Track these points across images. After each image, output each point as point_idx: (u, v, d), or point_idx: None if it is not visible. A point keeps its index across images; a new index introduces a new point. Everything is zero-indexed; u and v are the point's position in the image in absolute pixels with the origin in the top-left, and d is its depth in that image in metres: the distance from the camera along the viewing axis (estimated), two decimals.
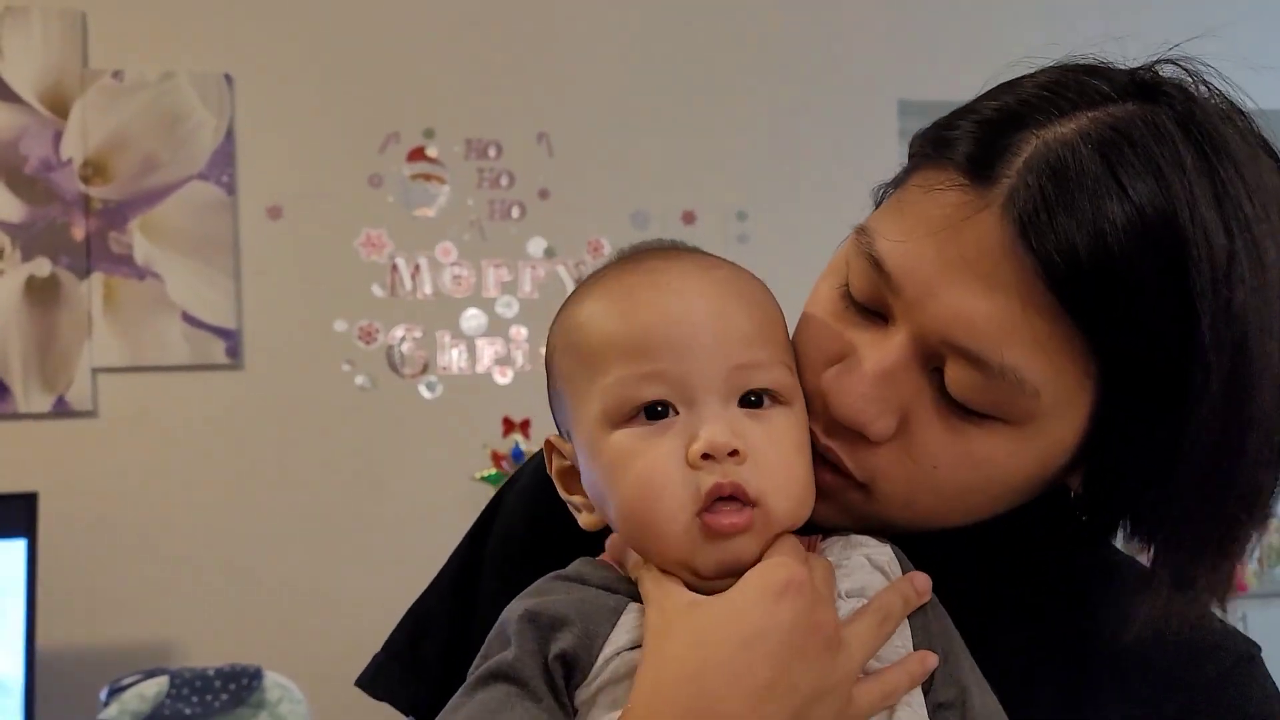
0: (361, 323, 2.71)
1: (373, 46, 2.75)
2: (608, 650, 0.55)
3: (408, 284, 2.74)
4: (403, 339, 2.72)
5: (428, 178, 2.78)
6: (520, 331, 2.76)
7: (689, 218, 2.87)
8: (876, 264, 0.56)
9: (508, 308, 2.77)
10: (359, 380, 2.68)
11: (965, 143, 0.55)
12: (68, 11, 2.59)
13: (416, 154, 2.78)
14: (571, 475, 0.62)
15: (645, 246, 0.62)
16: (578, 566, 0.61)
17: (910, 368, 0.56)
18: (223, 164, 2.65)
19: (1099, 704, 0.60)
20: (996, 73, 0.62)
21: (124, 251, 2.59)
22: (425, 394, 2.71)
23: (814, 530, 0.62)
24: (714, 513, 0.54)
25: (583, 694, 0.55)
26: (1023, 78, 0.57)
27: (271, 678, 1.88)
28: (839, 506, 0.60)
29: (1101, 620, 0.61)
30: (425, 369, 2.72)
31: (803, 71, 2.90)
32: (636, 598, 0.57)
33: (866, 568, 0.58)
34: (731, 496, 0.54)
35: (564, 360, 0.61)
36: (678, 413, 0.56)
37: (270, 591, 2.55)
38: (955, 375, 0.54)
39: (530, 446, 2.64)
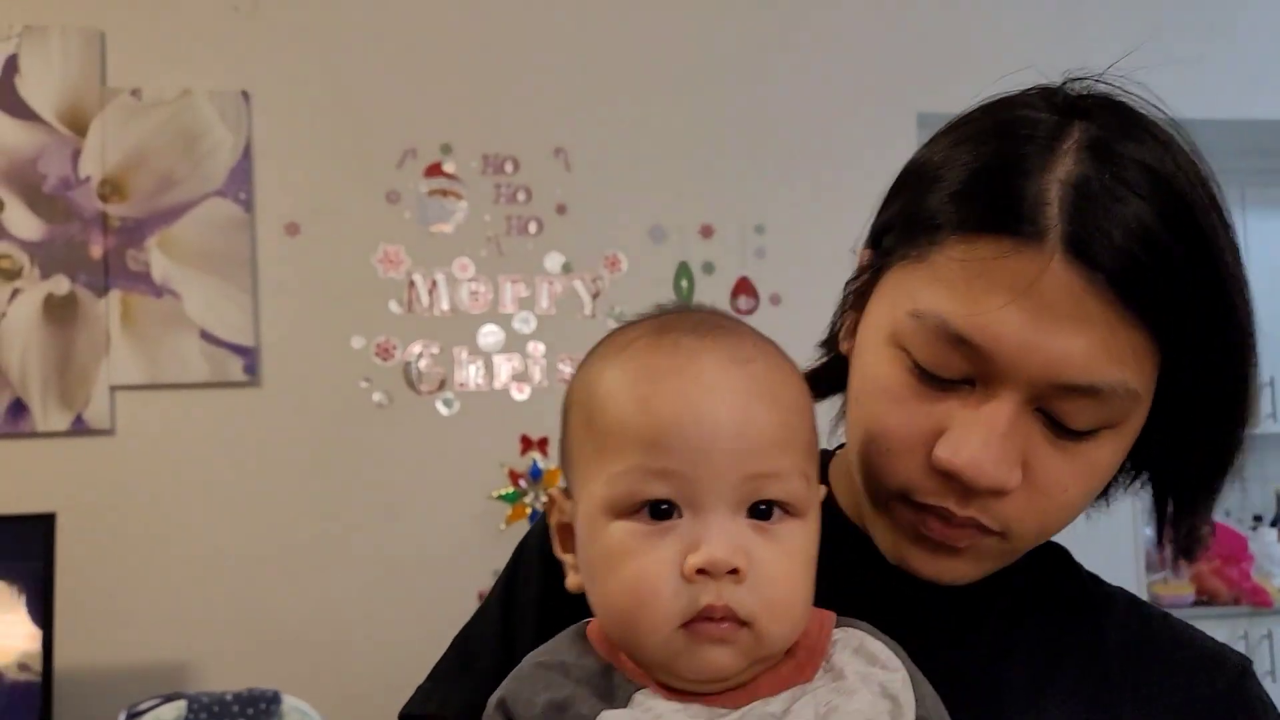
0: (379, 339, 2.70)
1: (389, 63, 2.74)
2: None
3: (425, 300, 2.73)
4: (420, 355, 2.71)
5: (445, 193, 2.77)
6: (538, 347, 2.75)
7: (707, 231, 2.85)
8: (959, 339, 0.58)
9: (525, 323, 2.76)
10: (376, 397, 2.67)
11: (980, 210, 0.58)
12: (86, 31, 2.60)
13: (434, 170, 2.77)
14: (569, 532, 0.61)
15: (684, 317, 0.59)
16: (563, 650, 0.60)
17: (1019, 417, 0.59)
18: (240, 181, 2.65)
19: (1121, 716, 0.64)
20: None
21: (142, 269, 2.59)
22: (442, 410, 2.70)
23: (927, 590, 0.61)
24: (701, 622, 0.53)
25: None
26: (960, 137, 0.62)
27: (289, 702, 1.86)
28: (974, 559, 0.63)
29: (1111, 640, 0.67)
30: (442, 385, 2.71)
31: (821, 85, 2.88)
32: (610, 694, 0.56)
33: (862, 713, 0.54)
34: (722, 619, 0.53)
35: (578, 425, 0.59)
36: (682, 515, 0.54)
37: (287, 612, 2.54)
38: (1071, 408, 0.58)
39: (548, 464, 2.63)
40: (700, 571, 0.52)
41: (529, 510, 2.55)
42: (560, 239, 2.80)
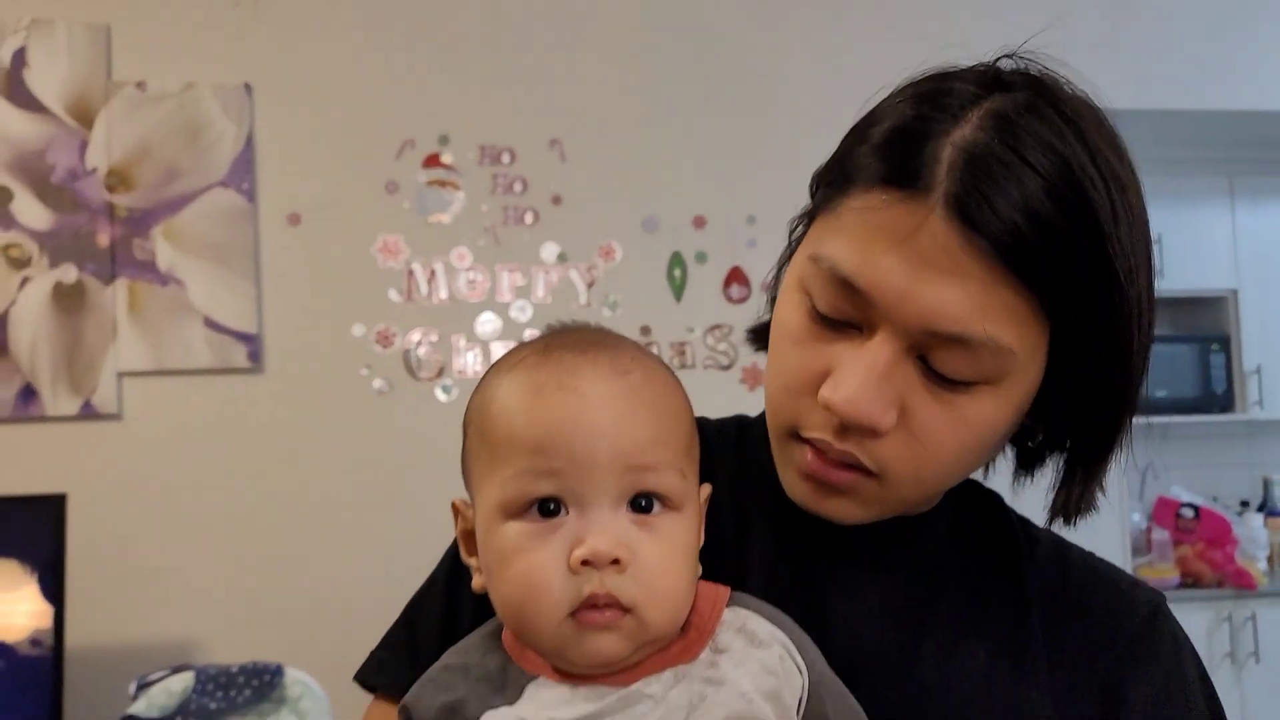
0: (379, 327, 2.76)
1: (387, 56, 2.80)
2: None
3: (424, 289, 2.79)
4: (419, 343, 2.77)
5: (443, 184, 2.83)
6: (534, 335, 2.81)
7: (699, 222, 2.91)
8: (845, 283, 0.61)
9: (522, 312, 2.82)
10: (377, 384, 2.74)
11: (881, 165, 0.61)
12: (92, 24, 2.66)
13: (432, 161, 2.83)
14: (472, 539, 0.66)
15: (567, 335, 0.64)
16: (472, 649, 0.65)
17: (898, 362, 0.62)
18: (243, 172, 2.71)
19: (1035, 665, 0.67)
20: None
21: (147, 258, 2.66)
22: (441, 397, 2.76)
23: (819, 526, 0.66)
24: (586, 610, 0.58)
25: None
26: (891, 98, 0.65)
27: (292, 674, 1.93)
28: (858, 500, 0.66)
29: (1031, 587, 0.70)
30: (441, 372, 2.77)
31: (812, 79, 2.94)
32: (504, 688, 0.61)
33: (749, 694, 0.59)
34: (606, 605, 0.57)
35: (473, 439, 0.65)
36: (569, 512, 0.59)
37: (289, 590, 2.61)
38: (943, 357, 0.61)
39: None
40: (585, 563, 0.57)
41: None
42: (556, 229, 2.86)
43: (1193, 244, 3.67)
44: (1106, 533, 3.27)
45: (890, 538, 0.71)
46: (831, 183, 0.66)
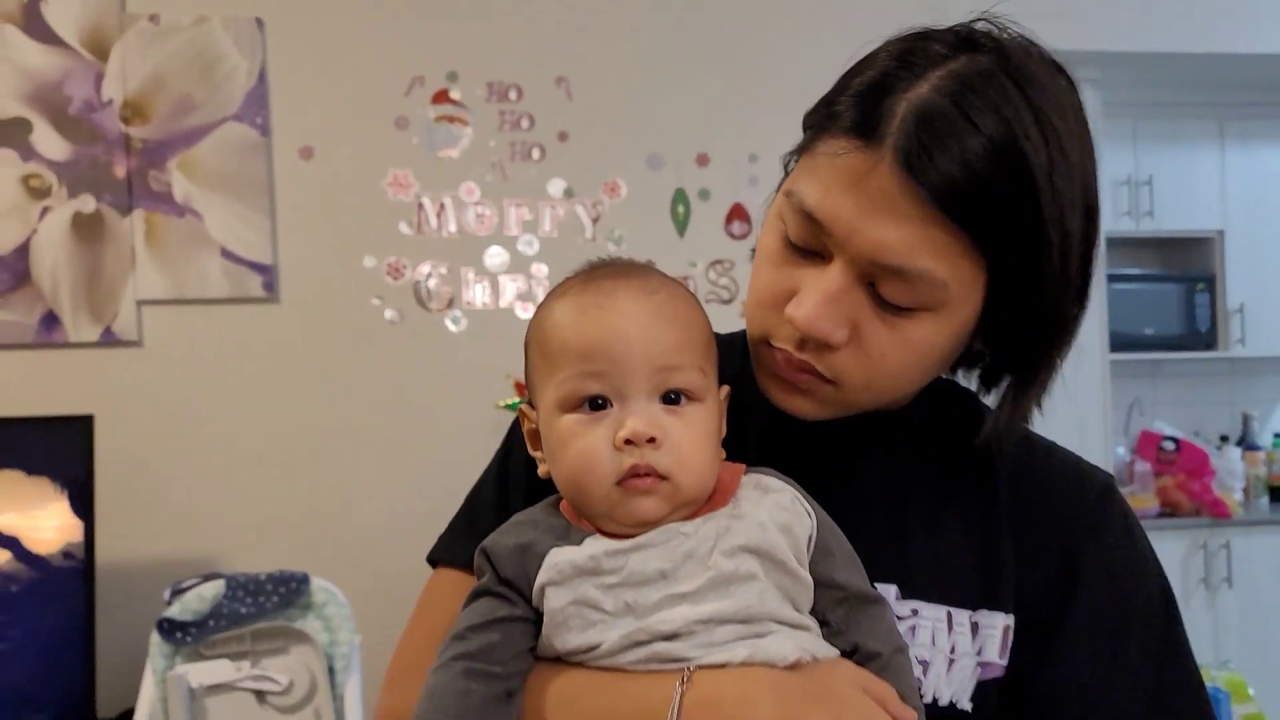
0: (390, 259, 2.84)
1: None
2: (541, 576, 0.71)
3: (433, 222, 2.87)
4: (429, 275, 2.85)
5: (451, 120, 2.89)
6: (540, 269, 2.89)
7: (703, 160, 2.98)
8: (809, 216, 0.71)
9: (529, 245, 2.90)
10: (388, 314, 2.82)
11: (850, 115, 0.70)
12: None
13: (441, 97, 2.89)
14: (536, 435, 0.77)
15: (607, 266, 0.76)
16: (537, 512, 0.77)
17: (851, 288, 0.71)
18: (256, 106, 2.77)
19: (1001, 542, 0.77)
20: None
21: (164, 190, 2.72)
22: (451, 327, 2.85)
23: (788, 423, 0.76)
24: (630, 479, 0.69)
25: (535, 599, 0.71)
26: (878, 50, 0.73)
27: (317, 582, 2.03)
28: (816, 400, 0.76)
29: (999, 468, 0.79)
30: (451, 304, 2.86)
31: (812, 21, 2.99)
32: (566, 538, 0.72)
33: (766, 525, 0.70)
34: (646, 474, 0.69)
35: (534, 354, 0.76)
36: (612, 405, 0.71)
37: (305, 509, 2.72)
38: (888, 286, 0.70)
39: None
40: (628, 442, 0.69)
41: None
42: (562, 165, 2.93)
43: (1182, 186, 3.75)
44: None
45: (873, 431, 0.80)
46: (814, 125, 0.74)
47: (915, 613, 0.74)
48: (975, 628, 0.74)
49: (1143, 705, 0.73)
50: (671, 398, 0.71)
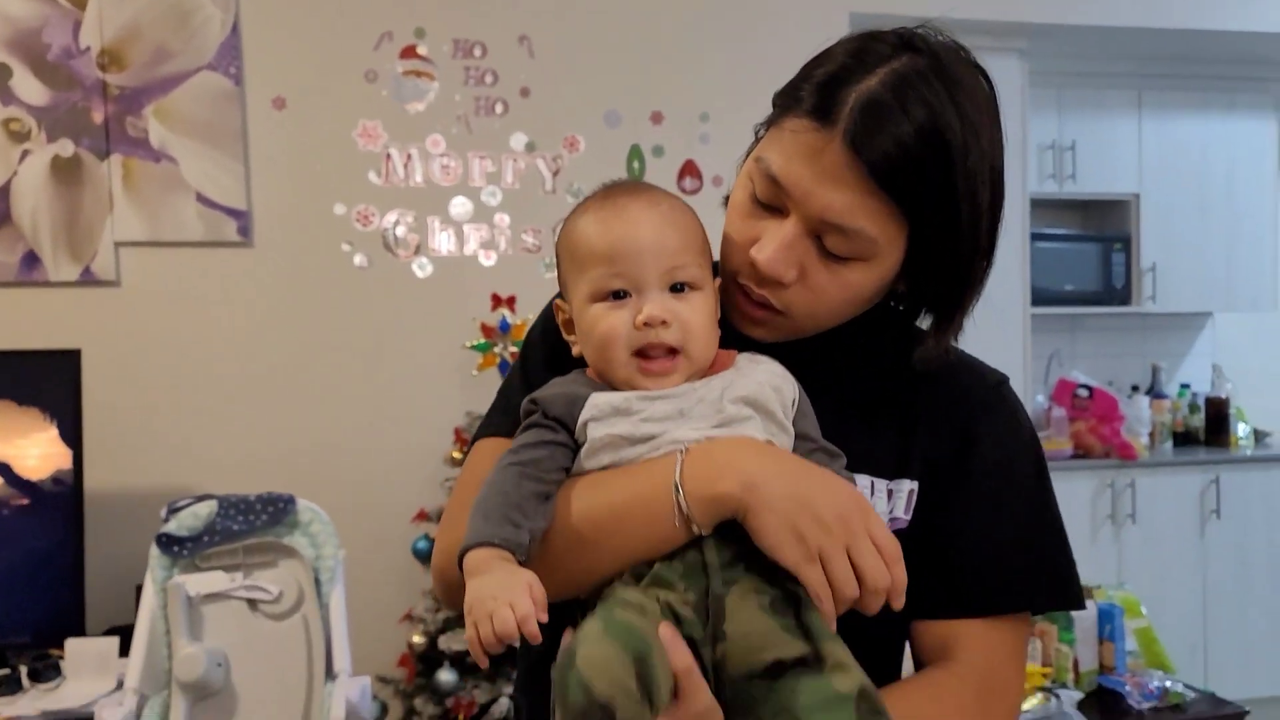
0: (359, 207, 2.98)
1: None
2: (585, 414, 0.87)
3: (401, 172, 3.01)
4: (396, 223, 3.00)
5: (419, 74, 3.03)
6: (503, 219, 3.06)
7: (657, 118, 3.15)
8: (773, 179, 0.88)
9: (492, 196, 3.06)
10: (358, 260, 2.97)
11: (811, 100, 0.86)
12: None
13: (408, 52, 3.02)
14: (570, 324, 0.96)
15: (621, 185, 0.93)
16: (574, 376, 0.95)
17: (802, 238, 0.88)
18: (230, 56, 2.88)
19: (920, 436, 0.95)
20: None
21: (140, 136, 2.83)
22: (418, 273, 3.01)
23: (744, 348, 0.96)
24: (647, 359, 0.86)
25: (578, 433, 0.89)
26: (835, 46, 0.91)
27: (303, 503, 2.19)
28: (770, 329, 0.94)
29: (917, 374, 0.97)
30: (418, 250, 3.01)
31: None
32: (602, 389, 0.91)
33: (762, 384, 0.87)
34: (663, 352, 0.86)
35: (565, 259, 0.92)
36: (631, 296, 0.87)
37: (284, 440, 2.88)
38: (831, 239, 0.87)
39: (515, 319, 2.96)
40: (646, 324, 0.86)
41: (498, 359, 2.89)
42: (524, 120, 3.08)
43: (1102, 151, 4.01)
44: None
45: (823, 346, 0.98)
46: (782, 105, 0.90)
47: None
48: (890, 493, 0.93)
49: (1015, 542, 0.93)
50: (678, 288, 0.88)
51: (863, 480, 0.92)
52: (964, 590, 0.91)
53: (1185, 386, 4.25)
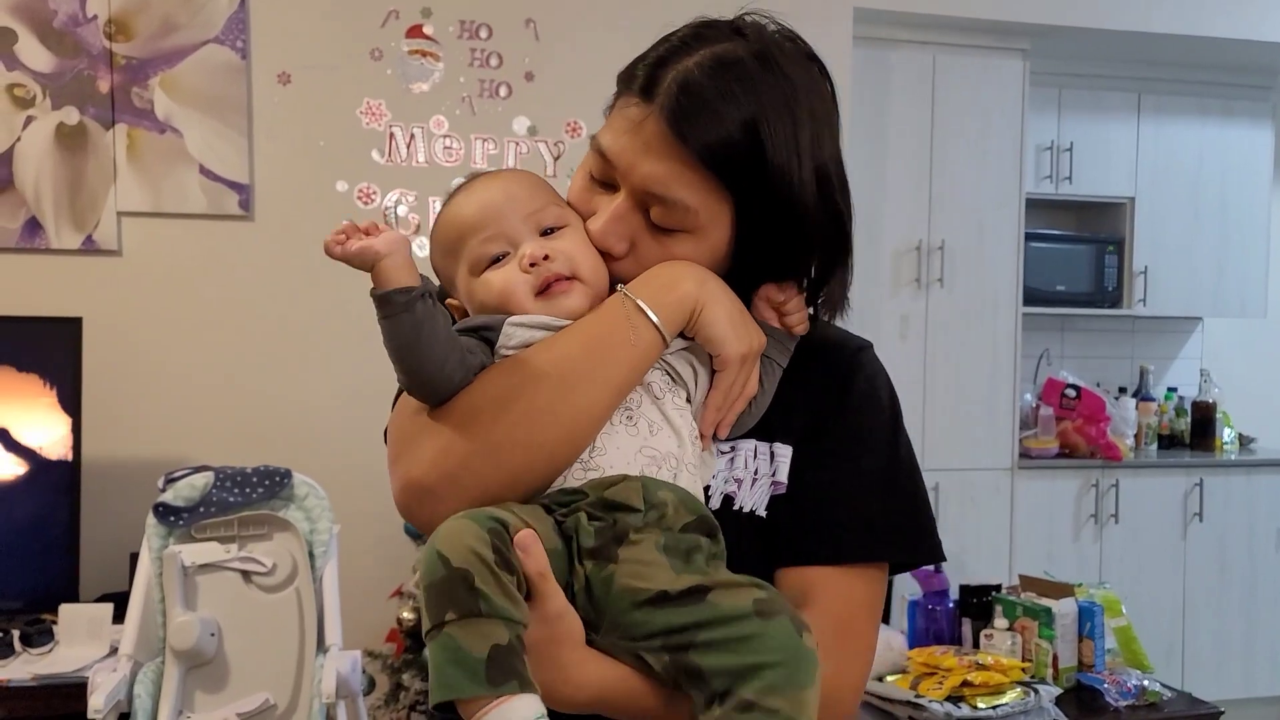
0: (361, 185, 3.00)
1: None
2: (507, 324, 0.90)
3: (403, 152, 3.03)
4: (398, 202, 3.02)
5: (424, 54, 3.04)
6: None
7: None
8: (602, 155, 0.93)
9: None
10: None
11: (640, 79, 0.92)
12: None
13: (415, 31, 3.03)
14: (463, 312, 0.96)
15: (471, 176, 0.99)
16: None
17: (631, 211, 0.92)
18: (237, 30, 2.89)
19: (793, 401, 0.99)
20: None
21: (146, 106, 2.84)
22: (419, 252, 3.02)
23: None
24: (547, 289, 0.90)
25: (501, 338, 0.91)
26: (679, 29, 0.94)
27: (299, 477, 2.22)
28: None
29: (794, 351, 1.01)
30: (418, 230, 3.03)
31: None
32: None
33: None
34: (559, 279, 0.90)
35: (441, 255, 0.96)
36: (510, 253, 0.91)
37: (282, 412, 2.90)
38: (655, 210, 0.91)
39: None
40: (532, 265, 0.90)
41: None
42: (527, 104, 3.10)
43: (1099, 153, 4.05)
44: (999, 409, 3.70)
45: None
46: (622, 85, 0.95)
47: (733, 447, 0.95)
48: (772, 455, 0.97)
49: (870, 497, 0.96)
50: (547, 231, 0.93)
51: (745, 445, 0.97)
52: (821, 540, 0.94)
53: (1173, 390, 4.30)
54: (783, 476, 0.96)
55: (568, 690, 0.81)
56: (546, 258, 0.90)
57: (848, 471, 0.96)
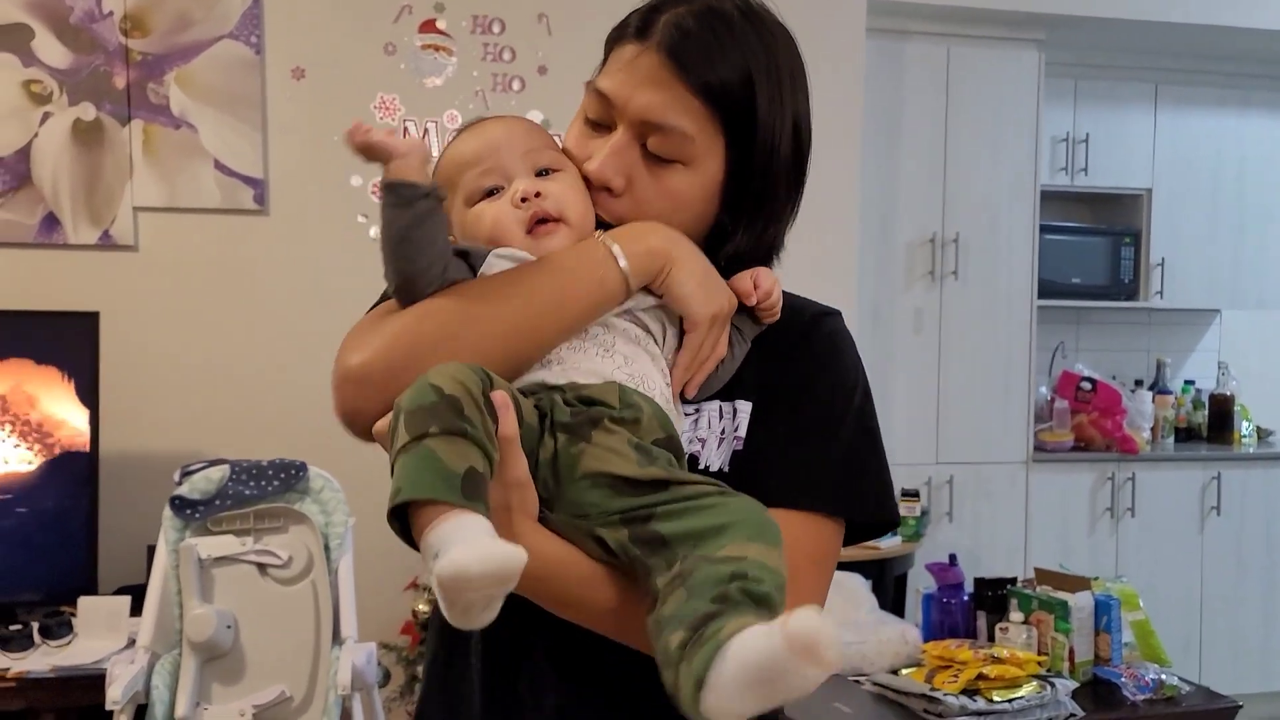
0: (376, 179, 2.98)
1: None
2: (489, 255, 0.92)
3: None
4: None
5: (437, 49, 3.05)
6: None
7: None
8: (599, 94, 0.96)
9: None
10: (373, 232, 2.99)
11: (633, 25, 0.96)
12: None
13: (428, 26, 3.03)
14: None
15: (478, 118, 1.02)
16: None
17: (629, 145, 0.95)
18: (251, 25, 2.90)
19: (752, 361, 1.00)
20: None
21: (161, 102, 2.85)
22: None
23: None
24: (536, 226, 0.92)
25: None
26: None
27: (314, 470, 2.23)
28: None
29: (765, 325, 1.02)
30: None
31: None
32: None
33: None
34: (546, 219, 0.93)
35: (442, 177, 0.97)
36: (504, 188, 0.94)
37: (297, 406, 2.90)
38: (653, 139, 0.94)
39: None
40: (523, 200, 0.92)
41: None
42: (540, 98, 3.10)
43: (1116, 144, 4.02)
44: (1014, 403, 3.69)
45: None
46: (612, 40, 0.99)
47: (698, 409, 0.97)
48: (735, 412, 0.98)
49: (823, 451, 0.96)
50: (542, 172, 0.95)
51: (709, 406, 0.98)
52: (770, 488, 0.92)
53: (1190, 383, 4.27)
54: (743, 432, 0.97)
55: None
56: (538, 195, 0.92)
57: (802, 426, 0.97)
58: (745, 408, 0.98)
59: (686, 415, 0.97)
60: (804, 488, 0.94)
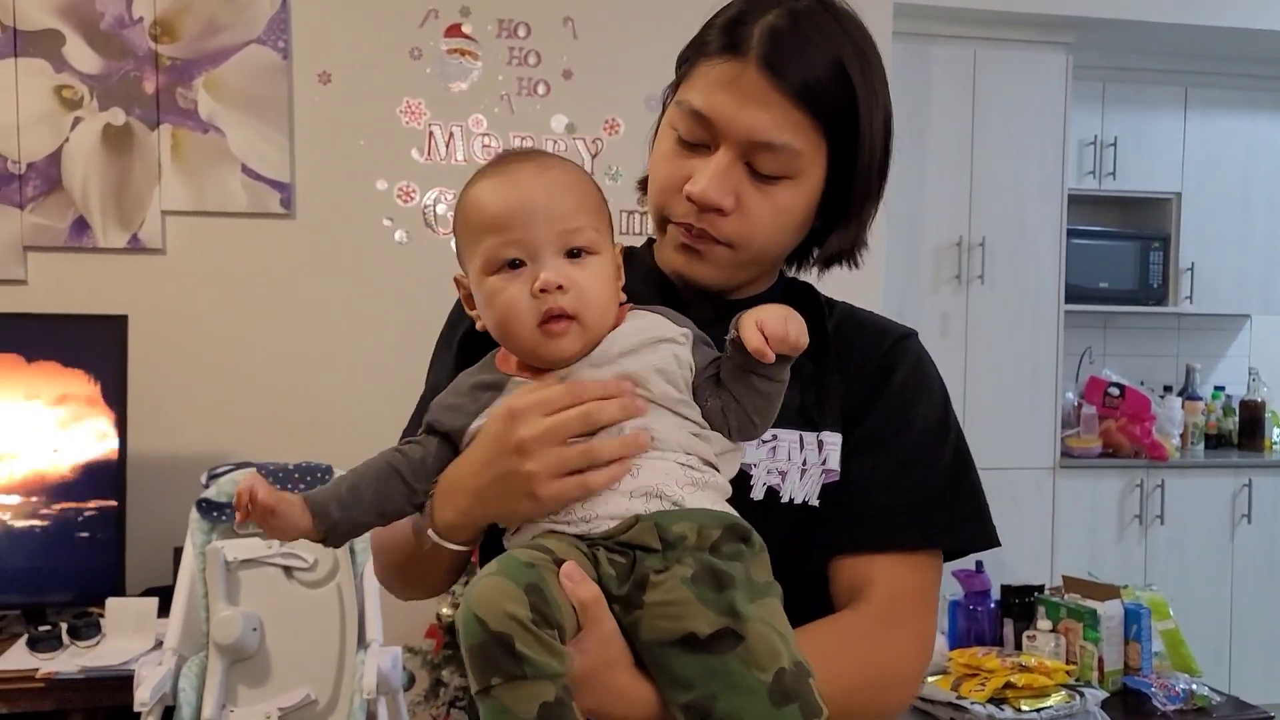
0: (400, 183, 3.01)
1: None
2: (473, 425, 0.89)
3: (442, 150, 3.04)
4: (437, 200, 3.03)
5: (462, 53, 3.05)
6: None
7: None
8: (697, 115, 0.92)
9: None
10: (398, 235, 3.01)
11: (718, 41, 0.93)
12: None
13: (453, 30, 3.04)
14: (470, 299, 0.93)
15: (514, 152, 0.93)
16: (482, 367, 0.93)
17: (734, 164, 0.92)
18: (279, 30, 2.92)
19: (837, 389, 0.99)
20: None
21: (190, 107, 2.87)
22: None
23: (687, 305, 0.97)
24: (547, 323, 0.85)
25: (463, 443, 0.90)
26: (730, 4, 0.97)
27: (340, 473, 2.24)
28: (714, 264, 0.97)
29: (828, 328, 1.02)
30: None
31: None
32: (498, 387, 0.91)
33: (654, 323, 0.90)
34: (559, 316, 0.85)
35: (460, 232, 0.91)
36: (527, 264, 0.86)
37: (323, 411, 2.93)
38: (761, 158, 0.92)
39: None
40: (543, 291, 0.84)
41: None
42: (565, 102, 3.10)
43: (1145, 148, 3.98)
44: (1040, 407, 3.66)
45: (736, 311, 0.98)
46: (688, 58, 0.96)
47: (775, 437, 0.95)
48: (821, 444, 0.96)
49: (920, 483, 0.96)
50: (574, 253, 0.87)
51: (789, 435, 0.96)
52: (872, 528, 0.94)
53: (1220, 389, 4.22)
54: (834, 464, 0.95)
55: (622, 708, 0.81)
56: (561, 288, 0.85)
57: (896, 458, 0.96)
58: (834, 439, 0.96)
59: (764, 442, 0.94)
60: (909, 528, 0.94)
